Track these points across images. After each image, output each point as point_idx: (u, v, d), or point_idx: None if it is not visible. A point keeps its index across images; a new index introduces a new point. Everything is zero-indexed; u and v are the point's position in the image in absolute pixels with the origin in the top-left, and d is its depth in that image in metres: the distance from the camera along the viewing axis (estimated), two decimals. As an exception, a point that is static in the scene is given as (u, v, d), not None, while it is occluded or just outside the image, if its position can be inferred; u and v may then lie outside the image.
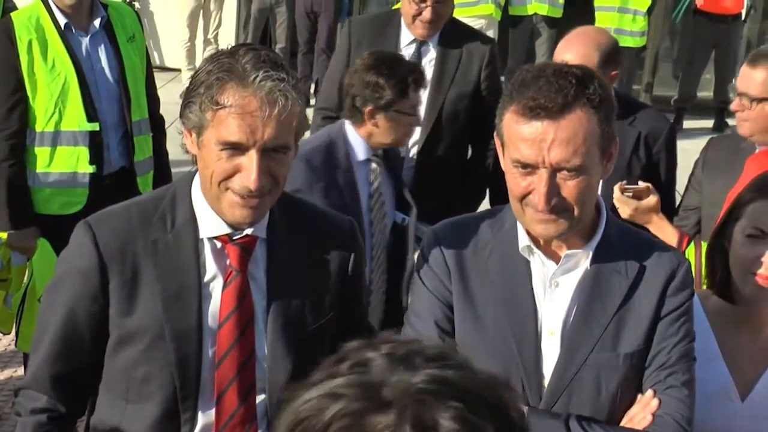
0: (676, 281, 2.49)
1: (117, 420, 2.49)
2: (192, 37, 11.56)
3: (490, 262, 2.52)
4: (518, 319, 2.47)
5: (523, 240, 2.47)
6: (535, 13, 11.18)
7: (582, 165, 2.30)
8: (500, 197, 4.52)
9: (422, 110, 4.68)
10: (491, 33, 10.88)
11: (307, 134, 3.53)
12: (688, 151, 4.08)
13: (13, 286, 4.61)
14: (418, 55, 4.80)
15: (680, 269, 2.50)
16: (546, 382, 2.47)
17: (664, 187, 4.19)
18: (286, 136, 2.33)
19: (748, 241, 2.67)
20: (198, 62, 11.01)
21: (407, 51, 4.80)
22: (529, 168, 2.32)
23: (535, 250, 2.47)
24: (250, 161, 2.29)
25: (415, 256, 4.18)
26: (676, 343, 2.47)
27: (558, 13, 11.09)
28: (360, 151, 4.00)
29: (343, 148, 3.96)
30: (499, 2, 10.96)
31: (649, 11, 11.00)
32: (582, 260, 2.47)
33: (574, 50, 4.03)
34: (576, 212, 2.35)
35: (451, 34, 4.86)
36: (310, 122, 2.80)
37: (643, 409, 2.46)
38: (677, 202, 4.29)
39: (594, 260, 2.47)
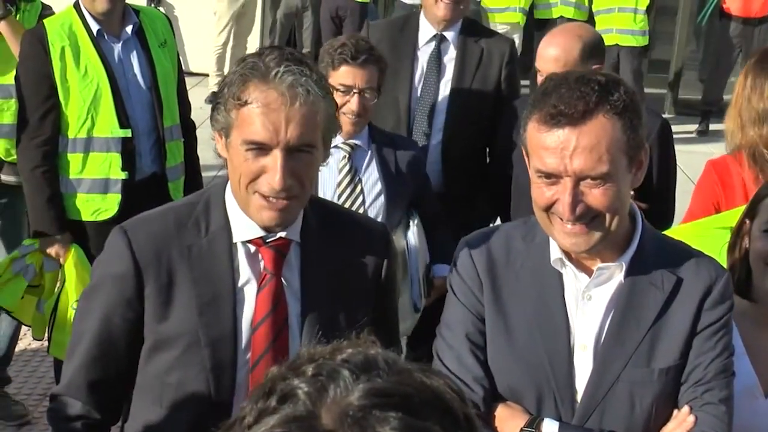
0: (714, 294, 2.43)
1: (151, 426, 2.47)
2: (226, 43, 11.55)
3: (522, 274, 2.49)
4: (550, 333, 2.44)
5: (555, 252, 2.43)
6: (561, 17, 11.11)
7: (607, 173, 2.25)
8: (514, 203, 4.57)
9: (443, 106, 4.70)
10: (516, 38, 10.85)
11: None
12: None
13: (46, 292, 4.60)
14: (438, 52, 4.76)
15: (719, 282, 2.44)
16: (579, 397, 2.43)
17: (658, 190, 4.05)
18: (311, 134, 2.30)
19: (766, 236, 2.65)
20: (227, 68, 11.05)
21: (427, 49, 4.77)
22: (552, 178, 2.28)
23: (567, 263, 2.42)
24: (274, 161, 2.27)
25: (421, 267, 4.16)
26: (713, 359, 2.41)
27: (584, 16, 11.02)
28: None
29: None
30: (524, 9, 10.92)
31: (649, 10, 10.90)
32: (616, 273, 2.42)
33: (556, 43, 4.05)
34: (606, 223, 2.30)
35: (471, 33, 4.83)
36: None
37: (679, 426, 2.41)
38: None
39: (628, 273, 2.42)
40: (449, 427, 1.17)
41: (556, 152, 2.25)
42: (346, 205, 3.88)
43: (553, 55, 4.02)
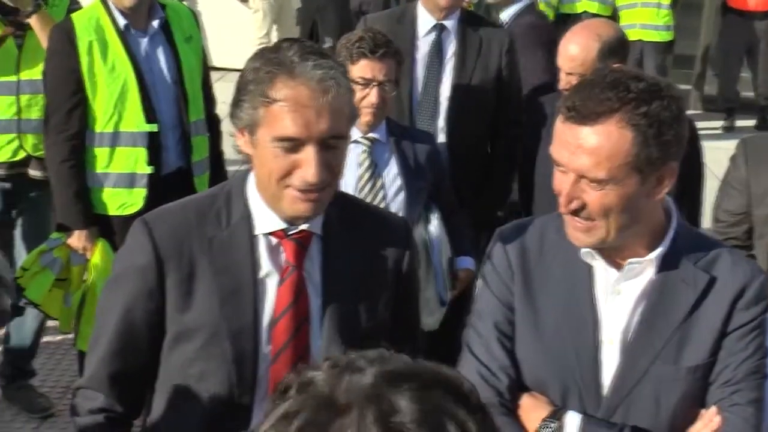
0: (748, 295, 2.38)
1: (173, 418, 2.46)
2: (267, 34, 11.54)
3: (553, 265, 2.48)
4: (578, 325, 2.42)
5: None
6: (585, 12, 11.02)
7: (604, 179, 2.23)
8: (527, 190, 4.54)
9: (445, 95, 4.67)
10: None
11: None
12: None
13: (73, 285, 4.60)
14: (439, 42, 4.72)
15: (754, 282, 2.39)
16: (604, 392, 2.41)
17: (685, 190, 3.96)
18: (341, 125, 2.28)
19: None
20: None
21: (427, 40, 4.72)
22: (561, 167, 2.28)
23: (597, 256, 2.40)
24: (308, 156, 2.24)
25: (444, 260, 4.13)
26: (744, 359, 2.37)
27: (608, 11, 10.93)
28: None
29: None
30: (550, 2, 10.84)
31: (673, 4, 10.79)
32: (647, 268, 2.39)
33: (575, 41, 4.05)
34: (605, 225, 2.29)
35: (470, 23, 4.79)
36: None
37: (705, 426, 2.38)
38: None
39: (659, 268, 2.39)
40: (461, 407, 1.21)
41: (566, 145, 2.25)
42: (367, 201, 3.85)
43: (571, 53, 4.00)
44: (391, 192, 4.01)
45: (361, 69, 3.88)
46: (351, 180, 3.92)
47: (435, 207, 4.19)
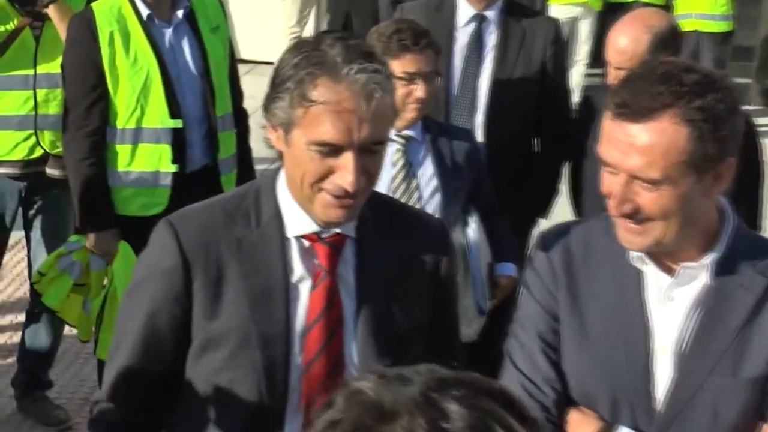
0: None
1: (199, 431, 2.46)
2: (299, 23, 11.57)
3: (600, 270, 2.47)
4: (628, 334, 2.41)
5: None
6: (636, 1, 10.97)
7: (658, 179, 2.21)
8: (578, 191, 4.52)
9: (484, 90, 4.65)
10: (588, 23, 10.73)
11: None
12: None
13: (93, 291, 4.64)
14: (479, 33, 4.70)
15: None
16: (657, 405, 2.40)
17: (743, 189, 3.85)
18: (383, 130, 2.29)
19: None
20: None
21: (466, 30, 4.71)
22: (611, 168, 2.27)
23: (648, 260, 2.39)
24: (346, 162, 2.25)
25: (484, 266, 4.12)
26: None
27: (661, 0, 10.86)
28: None
29: None
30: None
31: None
32: (701, 273, 2.37)
33: (624, 33, 4.02)
34: (659, 228, 2.27)
35: (513, 12, 4.77)
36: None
37: None
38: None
39: (715, 273, 2.37)
40: (512, 415, 1.24)
41: (615, 144, 2.24)
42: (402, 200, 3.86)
43: (620, 46, 3.98)
44: (427, 193, 4.02)
45: (405, 63, 3.87)
46: (384, 180, 3.90)
47: (473, 209, 4.18)
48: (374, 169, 2.32)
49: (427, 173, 4.04)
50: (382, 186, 3.85)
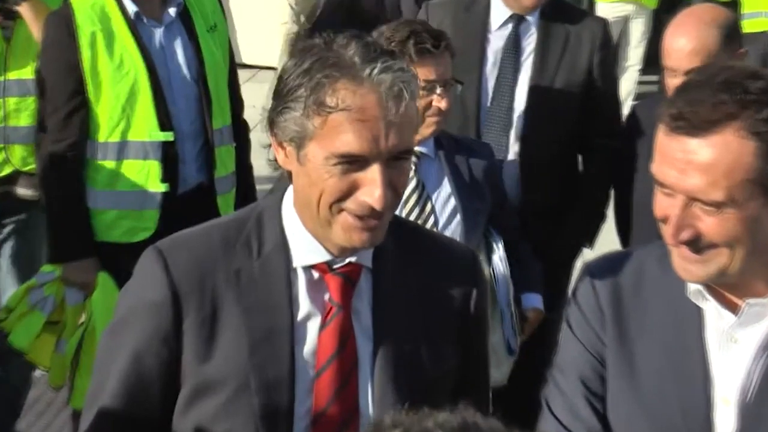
0: None
1: None
2: (296, 23, 11.61)
3: (653, 307, 2.47)
4: (685, 381, 2.40)
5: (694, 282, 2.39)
6: (695, -2, 10.97)
7: (722, 201, 2.20)
8: (625, 217, 4.52)
9: (521, 101, 4.66)
10: (641, 23, 10.70)
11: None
12: None
13: (68, 329, 4.63)
14: (516, 36, 4.72)
15: None
16: None
17: None
18: (410, 139, 2.31)
19: None
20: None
21: (501, 33, 4.73)
22: (667, 189, 2.26)
23: (708, 296, 2.38)
24: (372, 176, 2.26)
25: (512, 302, 4.12)
26: None
27: (722, -2, 10.84)
28: None
29: None
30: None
31: None
32: None
33: (687, 34, 3.99)
34: (724, 256, 2.26)
35: (555, 12, 4.78)
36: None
37: None
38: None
39: None
40: None
41: (672, 162, 2.24)
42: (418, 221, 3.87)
43: (686, 48, 3.96)
44: (444, 217, 4.02)
45: (426, 70, 3.86)
46: None
47: (498, 234, 4.19)
48: (401, 183, 2.33)
49: (443, 194, 4.04)
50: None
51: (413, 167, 3.97)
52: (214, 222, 2.58)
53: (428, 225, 3.96)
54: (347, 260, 2.42)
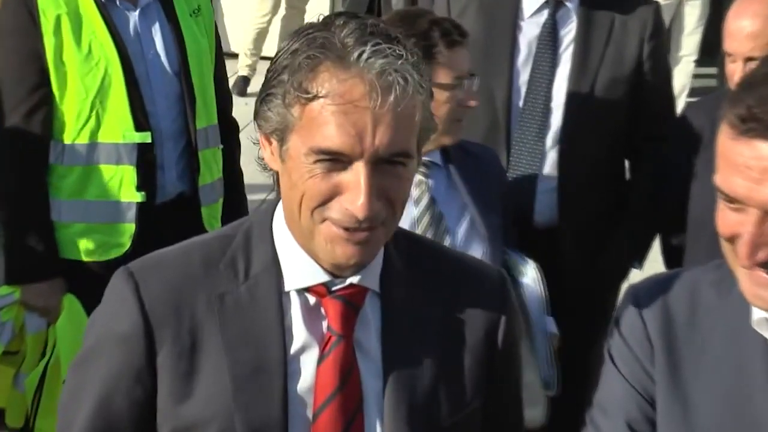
0: None
1: None
2: (273, 10, 11.70)
3: (712, 338, 2.46)
4: (750, 424, 2.39)
5: (758, 310, 2.38)
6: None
7: None
8: (677, 231, 4.51)
9: (559, 100, 4.66)
10: (697, 6, 10.69)
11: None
12: None
13: (27, 361, 4.63)
14: (552, 23, 4.73)
15: None
16: None
17: None
18: (406, 140, 2.28)
19: None
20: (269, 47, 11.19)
21: (536, 21, 4.74)
22: (737, 203, 2.24)
23: None
24: (356, 178, 2.24)
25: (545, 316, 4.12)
26: None
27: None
28: None
29: None
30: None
31: None
32: None
33: (751, 14, 4.02)
34: None
35: None
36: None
37: None
38: None
39: None
40: None
41: (742, 171, 2.21)
42: None
43: (747, 29, 3.95)
44: (461, 236, 4.01)
45: (458, 63, 3.88)
46: (405, 224, 3.88)
47: (523, 255, 4.21)
48: (396, 192, 2.31)
49: (455, 209, 4.03)
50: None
51: (424, 181, 3.97)
52: (195, 240, 2.58)
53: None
54: (348, 281, 2.42)
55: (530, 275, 4.15)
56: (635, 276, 4.17)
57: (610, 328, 2.63)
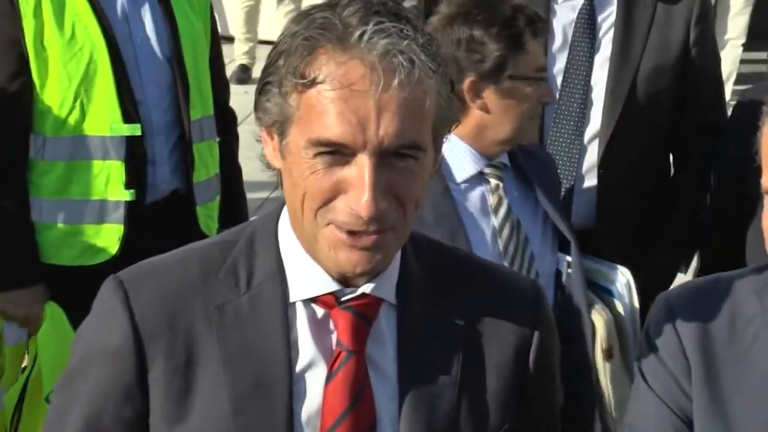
0: None
1: None
2: None
3: (754, 350, 2.47)
4: None
5: None
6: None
7: None
8: (728, 234, 4.50)
9: (599, 91, 4.67)
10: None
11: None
12: None
13: (6, 376, 4.63)
14: (590, 7, 4.73)
15: None
16: None
17: None
18: (416, 129, 2.25)
19: None
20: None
21: (571, 4, 4.75)
22: None
23: None
24: (359, 173, 2.22)
25: (599, 321, 4.11)
26: None
27: None
28: (464, 163, 3.86)
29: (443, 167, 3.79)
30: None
31: None
32: None
33: None
34: None
35: None
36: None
37: None
38: None
39: None
40: None
41: None
42: (516, 267, 3.83)
43: None
44: (537, 244, 3.99)
45: (540, 53, 3.90)
46: (486, 238, 3.87)
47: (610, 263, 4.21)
48: (405, 191, 2.28)
49: (529, 215, 4.01)
50: (485, 249, 3.81)
51: (501, 184, 3.95)
52: (193, 246, 2.57)
53: (525, 259, 3.93)
54: (360, 291, 2.40)
55: (621, 282, 4.16)
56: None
57: (640, 341, 2.64)
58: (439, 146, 2.38)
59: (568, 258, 4.05)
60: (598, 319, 4.01)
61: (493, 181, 3.91)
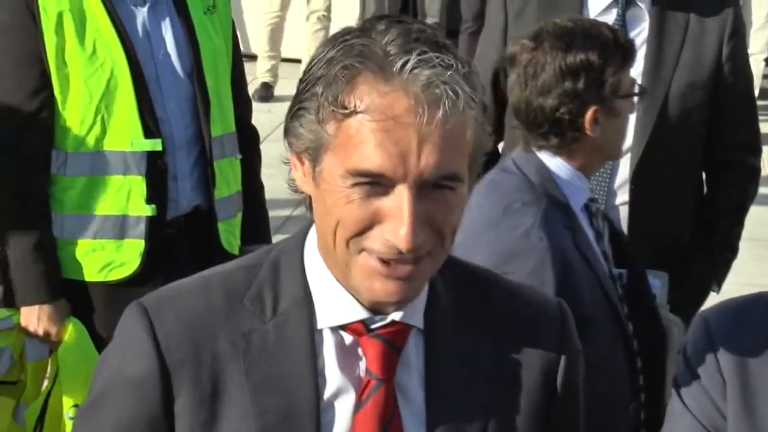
0: None
1: None
2: (283, 6, 11.77)
3: None
4: None
5: None
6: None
7: None
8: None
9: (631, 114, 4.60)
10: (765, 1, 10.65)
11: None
12: None
13: (28, 392, 4.64)
14: (623, 25, 4.69)
15: None
16: None
17: None
18: (456, 161, 2.21)
19: None
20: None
21: (603, 20, 4.63)
22: None
23: None
24: (398, 204, 2.18)
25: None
26: None
27: None
28: (580, 192, 3.83)
29: (560, 196, 3.76)
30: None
31: None
32: None
33: None
34: None
35: None
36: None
37: None
38: None
39: None
40: None
41: None
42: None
43: None
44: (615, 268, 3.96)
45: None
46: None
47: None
48: (443, 221, 2.25)
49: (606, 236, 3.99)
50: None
51: (601, 210, 3.95)
52: (216, 270, 2.53)
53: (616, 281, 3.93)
54: (390, 318, 2.35)
55: (659, 293, 4.15)
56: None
57: (677, 358, 2.62)
58: (474, 176, 2.33)
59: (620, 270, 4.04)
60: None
61: (595, 206, 3.92)
